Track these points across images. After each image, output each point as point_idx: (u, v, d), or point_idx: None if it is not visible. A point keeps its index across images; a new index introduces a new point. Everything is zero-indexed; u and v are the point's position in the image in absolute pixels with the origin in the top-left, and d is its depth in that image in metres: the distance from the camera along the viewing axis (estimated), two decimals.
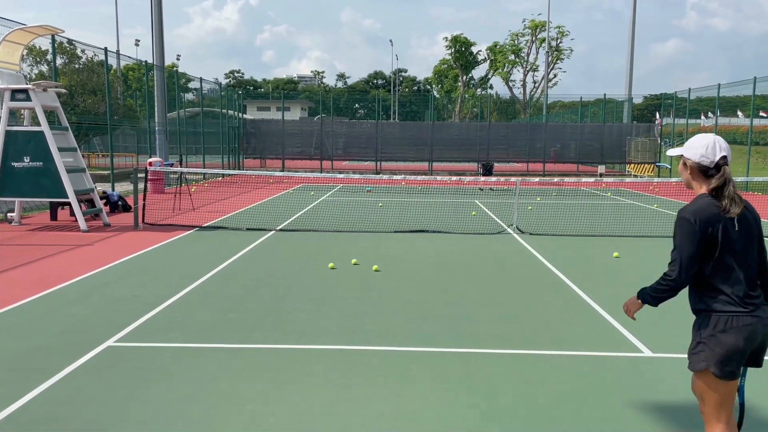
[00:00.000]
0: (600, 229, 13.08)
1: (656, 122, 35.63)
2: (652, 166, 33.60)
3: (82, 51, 26.15)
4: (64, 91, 14.26)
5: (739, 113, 37.35)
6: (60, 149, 12.43)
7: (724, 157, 3.10)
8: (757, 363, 3.22)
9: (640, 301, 3.47)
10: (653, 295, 3.38)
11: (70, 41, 24.73)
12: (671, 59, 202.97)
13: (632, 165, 34.54)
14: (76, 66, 26.53)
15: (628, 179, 16.59)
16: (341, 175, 15.73)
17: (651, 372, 5.17)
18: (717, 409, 3.15)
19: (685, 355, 5.61)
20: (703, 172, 3.15)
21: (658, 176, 32.40)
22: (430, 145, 34.72)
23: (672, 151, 3.39)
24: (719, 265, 3.10)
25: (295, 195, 20.54)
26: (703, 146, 3.12)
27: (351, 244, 10.92)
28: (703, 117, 32.84)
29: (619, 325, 6.38)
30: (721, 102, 28.26)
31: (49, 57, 21.48)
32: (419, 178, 14.53)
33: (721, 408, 3.14)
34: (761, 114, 41.26)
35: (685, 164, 3.24)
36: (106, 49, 19.90)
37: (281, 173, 16.01)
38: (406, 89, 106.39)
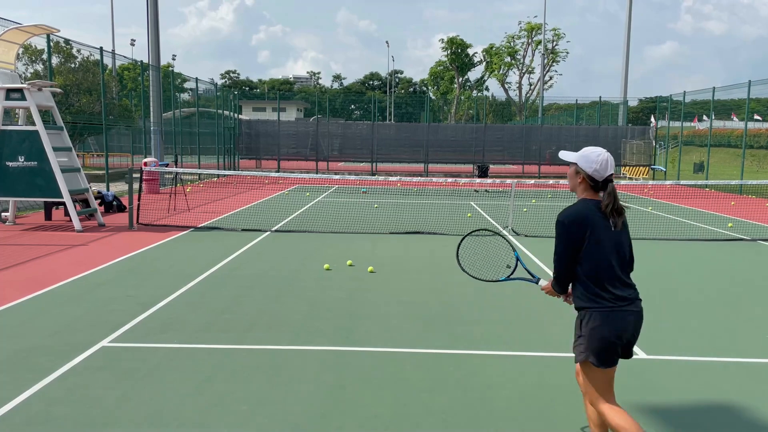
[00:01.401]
0: None
1: (651, 125, 35.75)
2: (647, 168, 33.70)
3: (78, 50, 26.06)
4: (59, 90, 14.21)
5: (734, 116, 37.53)
6: (55, 149, 12.39)
7: (612, 175, 3.43)
8: (628, 355, 3.52)
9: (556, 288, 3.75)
10: (555, 289, 3.74)
11: (66, 41, 24.65)
12: (666, 62, 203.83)
13: (627, 168, 34.64)
14: (72, 65, 26.44)
15: (623, 182, 16.64)
16: (337, 176, 15.74)
17: (646, 374, 5.18)
18: (601, 393, 3.45)
19: (681, 358, 5.65)
20: (592, 183, 3.45)
21: (653, 179, 32.51)
22: (425, 146, 34.75)
23: (566, 155, 3.60)
24: (597, 265, 3.40)
25: (291, 196, 20.52)
26: (597, 162, 3.40)
27: (346, 245, 10.92)
28: (697, 120, 32.98)
29: None
30: (715, 105, 28.38)
31: (45, 56, 21.41)
32: (415, 179, 14.54)
33: (604, 392, 3.45)
34: (756, 117, 41.47)
35: (578, 172, 3.49)
36: (101, 49, 19.85)
37: (277, 174, 15.99)
38: (402, 90, 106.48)
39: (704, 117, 31.28)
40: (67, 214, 12.95)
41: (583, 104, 44.81)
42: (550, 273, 9.00)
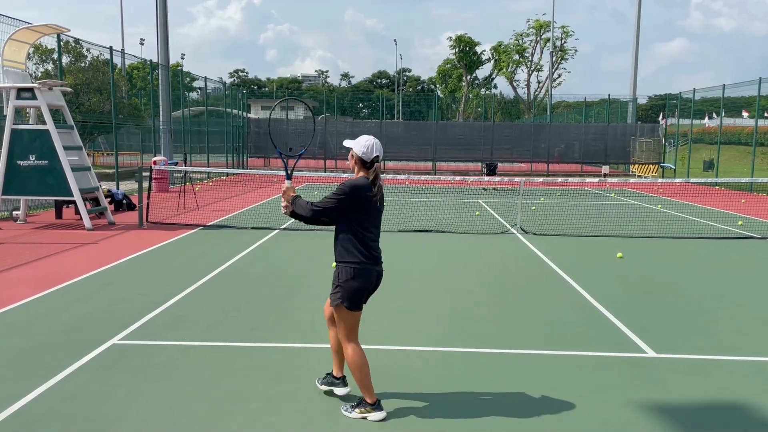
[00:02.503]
0: (604, 229, 13.06)
1: (660, 123, 35.55)
2: (657, 166, 33.52)
3: (88, 50, 26.19)
4: (69, 89, 14.30)
5: (744, 114, 37.25)
6: (65, 148, 12.47)
7: (377, 157, 4.29)
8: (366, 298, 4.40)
9: (292, 203, 4.51)
10: (300, 208, 4.41)
11: (76, 40, 24.79)
12: (676, 59, 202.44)
13: (636, 165, 34.46)
14: (82, 65, 26.59)
15: (632, 179, 16.58)
16: (345, 175, 15.70)
17: (654, 372, 5.17)
18: (349, 333, 4.27)
19: (691, 356, 5.62)
20: (363, 163, 4.27)
21: (663, 177, 32.33)
22: (433, 144, 34.70)
23: (346, 143, 4.40)
24: (361, 230, 4.30)
25: (300, 194, 20.51)
26: (365, 146, 4.25)
27: None
28: (707, 118, 32.76)
29: (623, 326, 6.38)
30: (725, 102, 28.18)
31: (55, 56, 21.54)
32: (423, 177, 14.53)
33: (351, 332, 4.28)
34: (766, 115, 41.07)
35: (353, 155, 4.32)
36: (111, 48, 19.95)
37: (283, 173, 16.01)
38: (410, 89, 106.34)
39: (714, 114, 31.06)
40: (77, 212, 13.03)
41: (592, 102, 44.60)
42: (558, 270, 8.99)
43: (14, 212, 13.43)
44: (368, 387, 4.25)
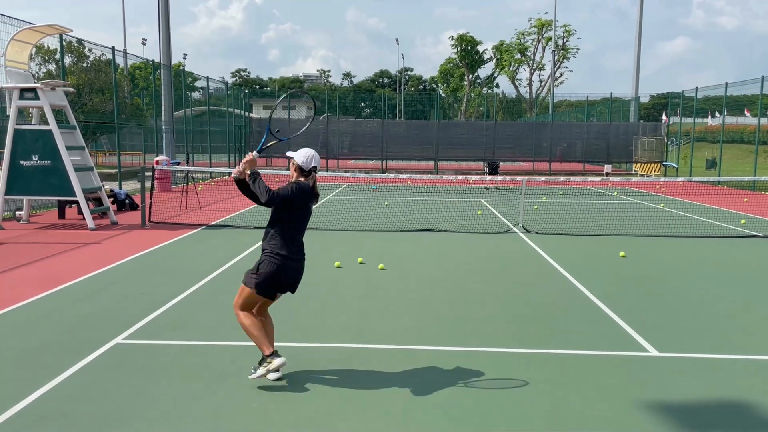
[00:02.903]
0: (606, 228, 13.06)
1: (663, 121, 35.49)
2: (659, 165, 33.48)
3: (90, 50, 26.23)
4: (72, 90, 14.33)
5: (747, 112, 37.17)
6: (68, 148, 12.49)
7: (315, 168, 4.87)
8: (292, 291, 4.97)
9: (251, 174, 4.76)
10: (258, 183, 4.69)
11: (78, 40, 24.83)
12: (678, 58, 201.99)
13: (639, 164, 34.43)
14: (84, 65, 26.62)
15: (634, 178, 16.55)
16: (347, 174, 15.74)
17: (657, 371, 5.17)
18: (245, 305, 4.82)
19: (694, 355, 5.62)
20: (301, 171, 4.84)
21: (665, 175, 32.29)
22: (435, 144, 34.69)
23: (289, 153, 4.92)
24: (292, 227, 4.80)
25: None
26: (305, 157, 4.83)
27: (357, 243, 10.94)
28: (710, 117, 32.71)
29: (626, 325, 6.38)
30: (728, 101, 28.14)
31: (58, 56, 21.57)
32: (425, 177, 14.52)
33: (248, 306, 4.83)
34: None
35: (293, 164, 4.86)
36: (113, 48, 19.99)
37: (287, 172, 16.02)
38: (412, 88, 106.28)
39: (716, 113, 31.00)
40: (80, 212, 13.05)
41: (594, 101, 44.55)
42: (560, 268, 8.99)
43: (17, 212, 13.47)
44: (263, 342, 4.70)
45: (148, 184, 13.54)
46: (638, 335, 6.05)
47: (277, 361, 4.65)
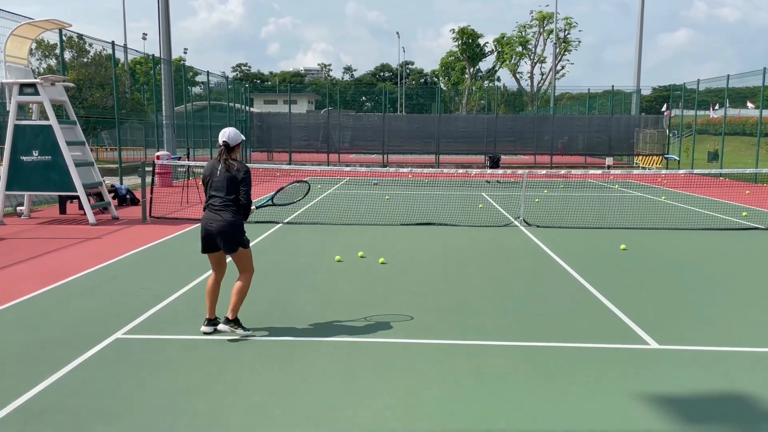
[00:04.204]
0: (607, 221, 13.04)
1: (665, 113, 35.39)
2: (661, 158, 33.40)
3: (90, 45, 26.19)
4: (72, 85, 14.31)
5: (749, 104, 37.03)
6: (68, 143, 12.49)
7: (225, 142, 5.87)
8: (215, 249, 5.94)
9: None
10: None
11: (79, 35, 24.78)
12: (680, 50, 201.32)
13: (640, 157, 34.35)
14: (84, 60, 26.58)
15: (636, 171, 16.52)
16: (348, 168, 15.73)
17: (657, 364, 5.17)
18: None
19: (694, 348, 5.62)
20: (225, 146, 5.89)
21: (667, 168, 32.23)
22: (436, 137, 34.64)
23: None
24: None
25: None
26: (222, 135, 5.91)
27: (357, 237, 10.94)
28: (711, 109, 32.59)
29: (626, 318, 6.37)
30: (730, 93, 28.03)
31: (58, 51, 21.53)
32: (426, 170, 14.52)
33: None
34: None
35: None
36: (113, 43, 19.95)
37: (288, 166, 16.03)
38: (413, 82, 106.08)
39: (716, 106, 30.88)
40: (81, 207, 13.07)
41: (595, 93, 44.47)
42: (561, 262, 8.98)
43: (18, 208, 13.48)
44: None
45: (148, 179, 13.53)
46: (638, 328, 6.05)
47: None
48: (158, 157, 18.88)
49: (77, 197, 12.79)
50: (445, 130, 34.85)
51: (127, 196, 15.68)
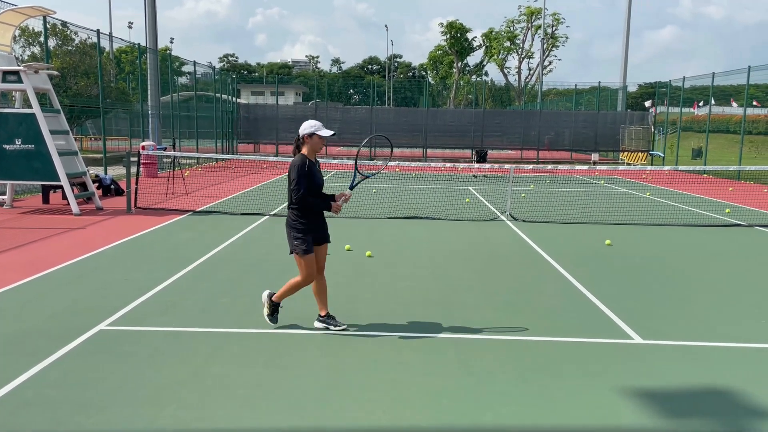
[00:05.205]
0: (593, 216, 13.12)
1: (650, 109, 35.61)
2: (646, 154, 33.65)
3: (75, 33, 25.82)
4: (56, 73, 14.12)
5: (733, 102, 37.39)
6: (52, 132, 12.33)
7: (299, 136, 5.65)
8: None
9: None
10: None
11: (63, 23, 24.43)
12: (666, 47, 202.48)
13: (626, 153, 34.58)
14: (69, 48, 26.22)
15: (621, 167, 16.62)
16: (335, 161, 15.67)
17: (641, 359, 5.21)
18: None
19: (676, 342, 5.67)
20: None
21: (651, 164, 32.47)
22: (424, 131, 34.62)
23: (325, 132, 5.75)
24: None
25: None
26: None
27: (344, 230, 10.91)
28: (696, 106, 32.86)
29: (611, 312, 6.42)
30: (715, 91, 28.27)
31: (42, 39, 21.22)
32: (413, 164, 14.51)
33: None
34: (755, 103, 41.24)
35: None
36: (98, 31, 19.69)
37: (275, 158, 15.97)
38: (401, 75, 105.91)
39: (701, 103, 31.16)
40: (64, 197, 12.91)
41: (582, 89, 44.59)
42: (547, 256, 9.02)
43: (0, 197, 13.29)
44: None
45: (133, 169, 13.40)
46: (623, 323, 6.09)
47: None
48: (143, 147, 18.69)
49: (61, 187, 12.64)
50: (433, 124, 34.85)
51: (112, 186, 15.52)
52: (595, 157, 33.42)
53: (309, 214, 5.53)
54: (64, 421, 3.93)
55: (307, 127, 5.62)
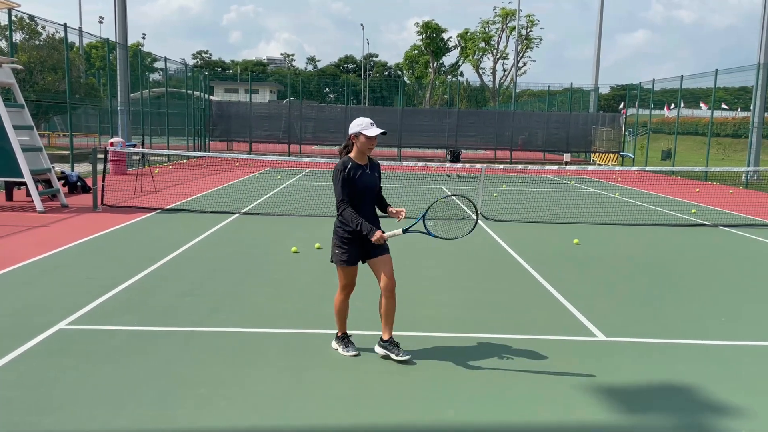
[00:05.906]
0: (562, 216, 13.26)
1: (622, 112, 36.15)
2: (616, 155, 34.13)
3: (43, 27, 25.33)
4: (20, 67, 13.81)
5: (703, 105, 38.11)
6: (15, 127, 12.05)
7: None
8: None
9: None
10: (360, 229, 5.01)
11: (30, 16, 23.94)
12: (638, 50, 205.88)
13: (597, 154, 35.04)
14: (36, 42, 25.69)
15: (590, 167, 16.84)
16: (307, 159, 15.59)
17: (603, 355, 5.27)
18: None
19: (637, 340, 5.74)
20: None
21: (621, 165, 32.94)
22: (399, 130, 34.67)
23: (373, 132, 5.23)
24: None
25: (262, 178, 20.33)
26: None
27: (316, 229, 10.86)
28: (666, 108, 33.44)
29: (575, 310, 6.48)
30: (684, 93, 28.79)
31: (7, 32, 20.75)
32: (387, 163, 14.49)
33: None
34: (723, 106, 42.06)
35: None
36: (65, 26, 19.33)
37: (248, 156, 15.80)
38: (377, 74, 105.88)
39: (672, 105, 31.72)
40: (28, 194, 12.63)
41: (555, 91, 45.10)
42: (515, 255, 9.09)
43: None
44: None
45: (100, 166, 13.17)
46: (587, 320, 6.16)
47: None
48: (112, 144, 18.39)
49: (24, 183, 12.36)
50: (408, 123, 34.91)
51: (78, 184, 15.24)
52: (566, 157, 33.80)
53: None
54: (18, 422, 3.84)
55: (354, 126, 5.14)
